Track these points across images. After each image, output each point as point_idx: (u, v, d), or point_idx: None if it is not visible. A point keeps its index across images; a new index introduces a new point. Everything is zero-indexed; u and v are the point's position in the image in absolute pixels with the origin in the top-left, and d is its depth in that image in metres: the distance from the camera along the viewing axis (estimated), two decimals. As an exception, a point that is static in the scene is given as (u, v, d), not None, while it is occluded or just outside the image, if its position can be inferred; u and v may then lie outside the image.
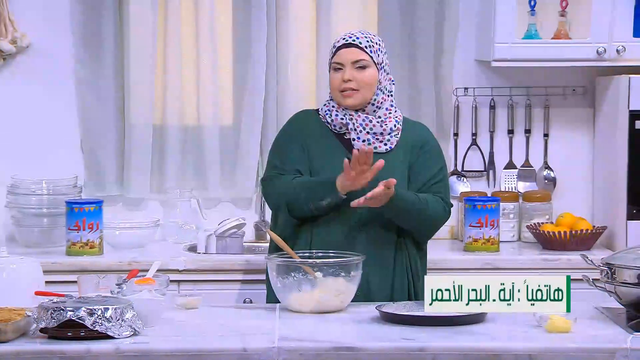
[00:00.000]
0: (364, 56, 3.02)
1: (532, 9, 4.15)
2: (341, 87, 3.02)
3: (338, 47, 3.05)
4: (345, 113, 3.05)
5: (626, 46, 4.00)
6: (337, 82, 3.04)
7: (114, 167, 4.24)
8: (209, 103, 4.25)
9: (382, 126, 3.04)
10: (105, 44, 4.19)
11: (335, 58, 3.05)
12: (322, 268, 2.82)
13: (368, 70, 3.02)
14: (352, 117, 3.04)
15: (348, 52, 3.03)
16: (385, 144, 3.05)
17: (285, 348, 2.44)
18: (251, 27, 4.20)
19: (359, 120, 3.03)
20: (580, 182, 4.29)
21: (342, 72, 3.03)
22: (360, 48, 3.02)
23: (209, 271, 3.78)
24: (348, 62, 3.02)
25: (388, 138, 3.05)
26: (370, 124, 3.04)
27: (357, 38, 3.04)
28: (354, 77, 3.01)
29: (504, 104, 4.30)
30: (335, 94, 3.05)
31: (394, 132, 3.06)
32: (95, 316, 2.45)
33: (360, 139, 3.04)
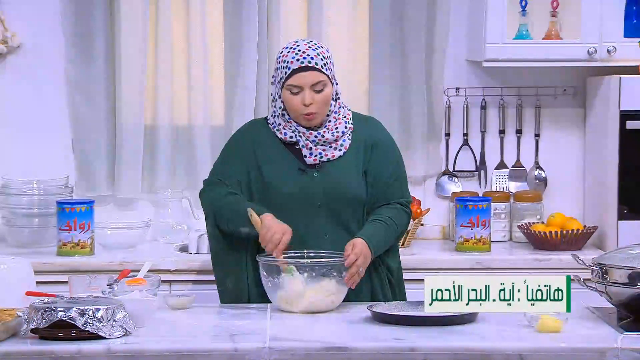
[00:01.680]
0: (322, 77, 2.95)
1: (523, 9, 4.16)
2: (302, 110, 2.96)
3: (294, 70, 2.95)
4: (294, 130, 3.00)
5: (617, 46, 4.01)
6: (296, 105, 2.95)
7: (105, 167, 4.23)
8: (200, 103, 4.24)
9: (334, 134, 3.00)
10: (96, 44, 4.18)
11: (291, 80, 2.95)
12: (314, 268, 2.82)
13: (326, 90, 2.97)
14: (303, 134, 2.99)
15: (306, 76, 2.94)
16: (339, 149, 3.01)
17: (276, 348, 2.44)
18: (242, 27, 4.19)
19: (310, 138, 2.99)
20: (571, 182, 4.30)
21: (301, 96, 2.95)
22: (317, 70, 2.95)
23: (200, 271, 3.77)
24: (307, 85, 2.94)
25: (341, 143, 3.01)
26: (323, 138, 3.00)
27: (312, 58, 2.95)
28: (313, 99, 2.94)
29: (495, 104, 4.31)
30: (295, 115, 2.98)
31: (346, 135, 3.03)
32: (87, 316, 2.45)
33: (312, 154, 3.00)
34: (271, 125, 3.05)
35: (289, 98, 2.97)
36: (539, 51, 4.07)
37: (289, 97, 2.97)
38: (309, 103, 2.95)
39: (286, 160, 3.01)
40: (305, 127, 3.01)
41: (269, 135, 3.05)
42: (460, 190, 4.24)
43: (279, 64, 3.00)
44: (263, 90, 4.24)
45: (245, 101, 4.22)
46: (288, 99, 2.98)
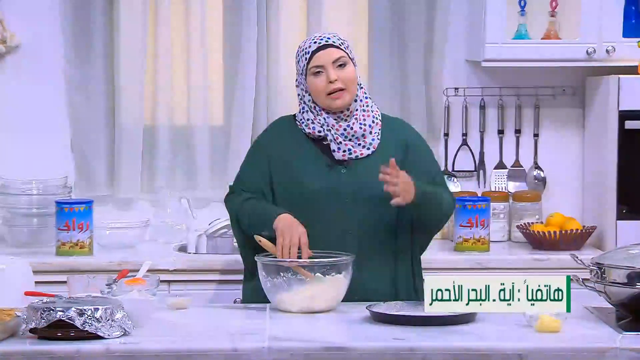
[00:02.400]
0: (341, 53, 2.99)
1: (522, 9, 4.16)
2: (328, 89, 2.97)
3: (313, 52, 2.99)
4: (322, 124, 3.01)
5: (616, 46, 4.01)
6: (321, 85, 2.97)
7: (104, 167, 4.23)
8: (199, 103, 4.24)
9: (362, 126, 3.01)
10: (95, 44, 4.18)
11: (312, 62, 2.98)
12: (313, 268, 2.81)
13: (348, 67, 2.99)
14: (332, 127, 3.00)
15: (326, 53, 2.98)
16: (367, 148, 3.02)
17: (276, 348, 2.44)
18: (241, 27, 4.20)
19: (339, 131, 3.00)
20: (570, 182, 4.30)
21: (324, 75, 2.97)
22: (335, 47, 2.99)
23: (199, 271, 3.77)
24: (328, 62, 2.97)
25: (370, 142, 3.02)
26: (352, 131, 3.00)
27: (328, 38, 3.00)
28: (338, 76, 2.97)
29: (494, 104, 4.31)
30: (322, 98, 2.98)
31: (375, 131, 3.04)
32: (85, 316, 2.45)
33: (340, 149, 3.01)
34: (299, 122, 3.06)
35: (314, 81, 2.99)
36: (538, 51, 4.07)
37: (313, 81, 2.99)
38: (334, 79, 2.96)
39: (314, 156, 3.02)
40: (335, 115, 3.00)
41: (296, 131, 3.06)
42: (459, 190, 4.24)
43: (299, 56, 3.04)
44: (262, 90, 4.24)
45: (244, 101, 4.22)
46: (313, 82, 2.99)
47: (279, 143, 3.06)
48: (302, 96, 3.05)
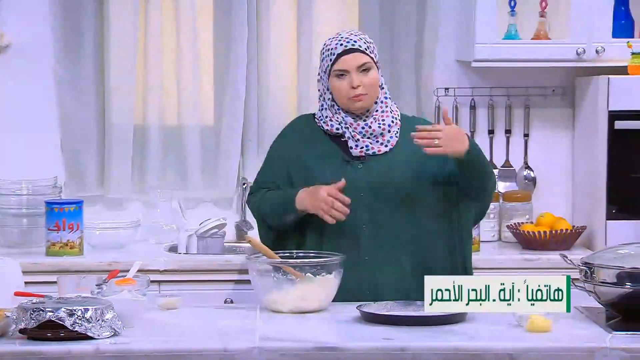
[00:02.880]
0: (367, 59, 3.00)
1: (512, 9, 4.17)
2: (351, 93, 2.99)
3: (338, 54, 2.99)
4: (340, 121, 3.03)
5: (605, 47, 4.02)
6: (344, 89, 2.99)
7: (95, 167, 4.23)
8: (189, 103, 4.24)
9: (380, 125, 3.02)
10: (85, 43, 4.18)
11: (337, 65, 2.99)
12: (304, 268, 2.82)
13: (372, 72, 3.01)
14: (351, 125, 3.02)
15: (351, 58, 2.99)
16: (385, 145, 3.03)
17: (266, 348, 2.44)
18: (232, 27, 4.19)
19: (357, 129, 3.02)
20: (560, 182, 4.31)
21: (348, 79, 2.99)
22: (361, 51, 3.00)
23: (190, 271, 3.77)
24: (353, 67, 2.98)
25: (388, 139, 3.03)
26: (370, 129, 3.02)
27: (355, 42, 3.00)
28: (361, 81, 2.98)
29: (484, 104, 4.32)
30: (343, 100, 3.01)
31: (394, 130, 3.04)
32: (75, 317, 2.45)
33: (358, 146, 3.02)
34: (318, 119, 3.07)
35: (337, 84, 3.01)
36: (528, 51, 4.08)
37: (336, 83, 3.01)
38: (357, 85, 2.98)
39: (331, 152, 3.04)
40: (353, 114, 3.02)
41: (315, 128, 3.08)
42: (449, 190, 4.24)
43: (324, 54, 3.04)
44: (253, 90, 4.24)
45: (235, 101, 4.22)
46: (336, 85, 3.01)
47: (298, 141, 3.08)
48: (323, 93, 3.07)
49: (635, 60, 3.97)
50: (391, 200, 2.98)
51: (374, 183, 2.99)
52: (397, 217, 3.00)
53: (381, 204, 2.99)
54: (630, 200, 3.95)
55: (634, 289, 2.57)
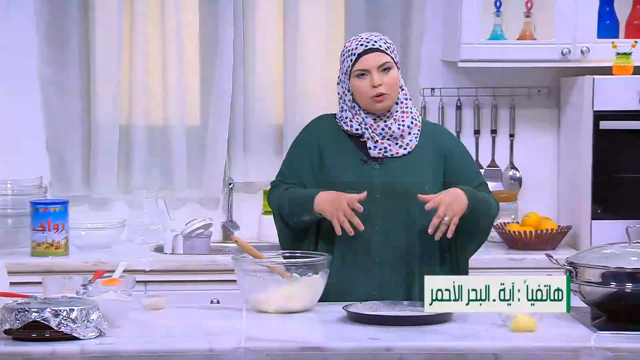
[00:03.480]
0: (387, 58, 3.00)
1: (497, 10, 4.18)
2: (372, 93, 2.98)
3: (359, 54, 2.99)
4: (360, 122, 3.03)
5: (590, 47, 4.04)
6: (365, 89, 2.99)
7: (80, 167, 4.22)
8: (175, 103, 4.24)
9: (400, 127, 3.02)
10: (70, 43, 4.17)
11: (358, 65, 2.99)
12: (290, 268, 2.82)
13: (392, 72, 3.00)
14: (371, 126, 3.02)
15: (372, 57, 2.98)
16: (404, 148, 3.03)
17: (252, 348, 2.44)
18: (218, 27, 4.19)
19: (377, 130, 3.02)
20: (545, 182, 4.32)
21: (368, 78, 2.98)
22: (381, 51, 3.00)
23: (176, 272, 3.77)
24: (374, 67, 2.98)
25: (407, 142, 3.03)
26: (390, 130, 3.02)
27: (375, 42, 3.00)
28: (382, 80, 2.98)
29: (470, 104, 4.33)
30: (365, 101, 3.01)
31: (414, 133, 3.04)
32: (61, 317, 2.44)
33: (377, 147, 3.02)
34: (338, 119, 3.08)
35: (358, 84, 3.00)
36: (514, 52, 4.09)
37: (357, 83, 3.00)
38: (378, 84, 2.98)
39: (350, 151, 3.03)
40: (374, 115, 3.02)
41: (335, 128, 3.07)
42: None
43: (344, 56, 3.04)
44: (239, 90, 4.24)
45: (221, 101, 4.22)
46: (357, 85, 3.01)
47: (319, 138, 3.07)
48: (343, 95, 3.06)
49: (620, 61, 3.99)
50: (405, 203, 2.97)
51: (390, 184, 2.98)
52: (409, 221, 2.99)
53: (395, 206, 2.99)
54: (615, 200, 3.97)
55: (618, 289, 2.58)
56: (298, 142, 3.14)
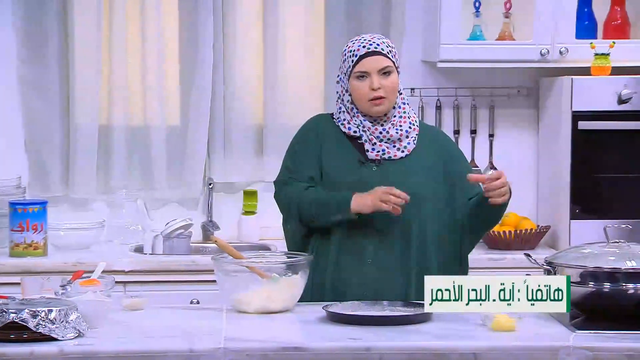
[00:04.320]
0: (388, 62, 3.00)
1: (476, 10, 4.19)
2: (370, 95, 2.98)
3: (361, 56, 2.99)
4: (358, 125, 3.03)
5: (569, 47, 4.06)
6: (364, 91, 2.98)
7: (59, 168, 4.20)
8: (155, 103, 4.23)
9: (398, 131, 3.02)
10: (49, 43, 4.15)
11: (358, 67, 2.98)
12: (270, 268, 2.81)
13: (392, 76, 3.00)
14: (369, 129, 3.02)
15: (373, 60, 2.98)
16: (402, 151, 3.02)
17: (232, 349, 2.44)
18: (198, 28, 4.18)
19: (375, 133, 3.01)
20: (524, 182, 4.34)
21: (368, 81, 2.98)
22: (383, 55, 3.00)
23: (156, 272, 3.76)
24: (374, 70, 2.98)
25: (405, 145, 3.03)
26: (387, 134, 3.02)
27: (377, 45, 3.00)
28: (381, 84, 2.98)
29: (449, 104, 4.34)
30: (363, 103, 3.00)
31: (412, 136, 3.04)
32: (39, 318, 2.43)
33: (374, 150, 3.02)
34: (336, 120, 3.07)
35: (357, 85, 3.00)
36: (493, 52, 4.10)
37: (356, 85, 3.00)
38: (377, 87, 2.98)
39: (347, 152, 3.03)
40: (372, 118, 3.01)
41: (334, 128, 3.07)
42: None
43: (345, 56, 3.03)
44: (218, 90, 4.23)
45: (201, 101, 4.21)
46: (356, 86, 3.00)
47: (319, 137, 3.06)
48: (342, 94, 3.06)
49: (598, 61, 4.01)
50: (402, 206, 2.98)
51: (387, 184, 2.98)
52: (404, 224, 2.99)
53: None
54: (594, 200, 3.99)
55: (597, 288, 2.60)
56: (300, 139, 3.11)
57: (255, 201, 4.29)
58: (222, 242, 2.93)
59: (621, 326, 2.55)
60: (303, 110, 4.19)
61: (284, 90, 4.25)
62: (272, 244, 4.10)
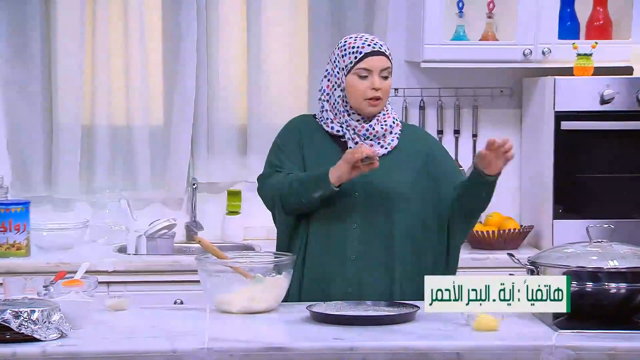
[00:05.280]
0: (389, 65, 3.02)
1: (460, 10, 4.20)
2: (369, 94, 2.98)
3: (366, 54, 2.98)
4: (342, 123, 3.02)
5: (551, 48, 4.08)
6: (364, 88, 2.98)
7: (42, 168, 4.19)
8: (138, 103, 4.22)
9: (383, 127, 3.02)
10: (31, 42, 4.13)
11: (362, 64, 2.97)
12: (253, 268, 2.81)
13: (389, 80, 3.02)
14: (354, 128, 3.01)
15: (377, 60, 2.98)
16: (385, 147, 3.03)
17: (215, 349, 2.44)
18: (181, 27, 4.18)
19: (361, 132, 3.01)
20: (508, 182, 4.34)
21: (369, 80, 2.98)
22: (386, 56, 3.01)
23: (139, 272, 3.75)
24: (377, 69, 2.98)
25: (389, 142, 3.03)
26: (374, 131, 3.01)
27: (381, 45, 3.01)
28: (381, 84, 2.99)
29: (433, 104, 4.35)
30: (358, 100, 2.99)
31: (395, 132, 3.04)
32: (21, 319, 2.42)
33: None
34: (319, 120, 3.07)
35: (356, 82, 2.98)
36: (476, 52, 4.11)
37: (356, 82, 2.99)
38: (379, 87, 2.98)
39: (331, 152, 3.02)
40: (357, 117, 3.01)
41: (317, 127, 3.07)
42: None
43: (345, 51, 3.01)
44: (202, 90, 4.23)
45: (184, 101, 4.21)
46: (355, 83, 2.99)
47: (302, 135, 3.06)
48: (330, 90, 3.03)
49: (580, 62, 4.02)
50: (384, 203, 2.98)
51: (369, 184, 2.98)
52: (387, 220, 2.99)
53: (374, 205, 2.99)
54: (577, 200, 4.00)
55: (579, 288, 2.61)
56: (284, 137, 3.10)
57: (239, 201, 4.28)
58: (205, 242, 2.93)
59: (603, 325, 2.56)
60: (286, 110, 4.19)
61: (267, 90, 4.25)
62: (256, 244, 4.10)
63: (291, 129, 3.11)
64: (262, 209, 3.12)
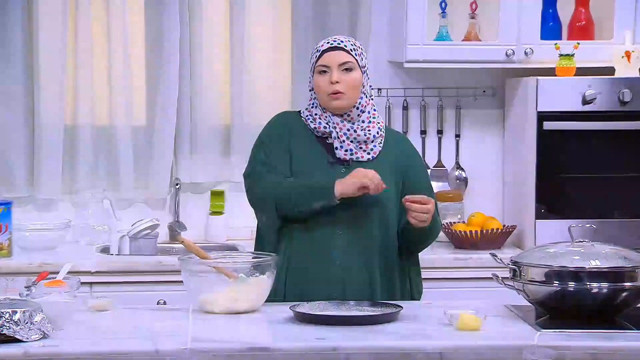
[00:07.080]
0: (350, 58, 3.02)
1: (443, 11, 4.21)
2: (329, 89, 3.00)
3: (323, 51, 3.02)
4: (328, 121, 3.03)
5: (534, 48, 4.09)
6: (324, 84, 3.01)
7: (24, 168, 4.17)
8: (121, 103, 4.21)
9: (366, 134, 3.03)
10: (13, 42, 4.12)
11: (320, 61, 3.02)
12: (236, 268, 2.81)
13: (354, 73, 3.02)
14: (337, 125, 3.03)
15: (334, 54, 3.01)
16: (368, 153, 3.04)
17: (198, 349, 2.43)
18: (163, 27, 4.17)
19: (343, 130, 3.02)
20: (490, 182, 4.37)
21: (328, 75, 3.01)
22: (345, 51, 3.02)
23: (122, 273, 3.74)
24: (335, 64, 3.00)
25: (371, 147, 3.04)
26: (355, 133, 3.03)
27: (341, 41, 3.04)
28: (340, 79, 3.00)
29: (416, 104, 4.36)
30: (322, 97, 3.02)
31: (377, 140, 3.06)
32: (3, 319, 2.41)
33: (342, 147, 3.02)
34: (305, 118, 3.07)
35: (318, 79, 3.03)
36: (459, 52, 4.12)
37: (318, 79, 3.03)
38: (335, 81, 2.99)
39: (317, 152, 3.04)
40: (336, 114, 3.02)
41: (302, 126, 3.07)
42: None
43: (312, 53, 3.07)
44: (185, 90, 4.22)
45: (167, 101, 4.20)
46: (317, 81, 3.03)
47: (286, 135, 3.06)
48: (311, 92, 3.08)
49: (563, 62, 4.04)
50: (368, 207, 2.99)
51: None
52: (371, 224, 3.01)
53: (358, 209, 3.00)
54: (559, 200, 4.02)
55: (561, 288, 2.62)
56: (270, 133, 3.09)
57: (222, 201, 4.28)
58: (189, 242, 2.92)
59: (585, 325, 2.57)
60: (270, 110, 4.17)
61: (250, 90, 4.25)
62: (239, 244, 4.10)
63: (278, 126, 3.11)
64: (246, 209, 3.12)
